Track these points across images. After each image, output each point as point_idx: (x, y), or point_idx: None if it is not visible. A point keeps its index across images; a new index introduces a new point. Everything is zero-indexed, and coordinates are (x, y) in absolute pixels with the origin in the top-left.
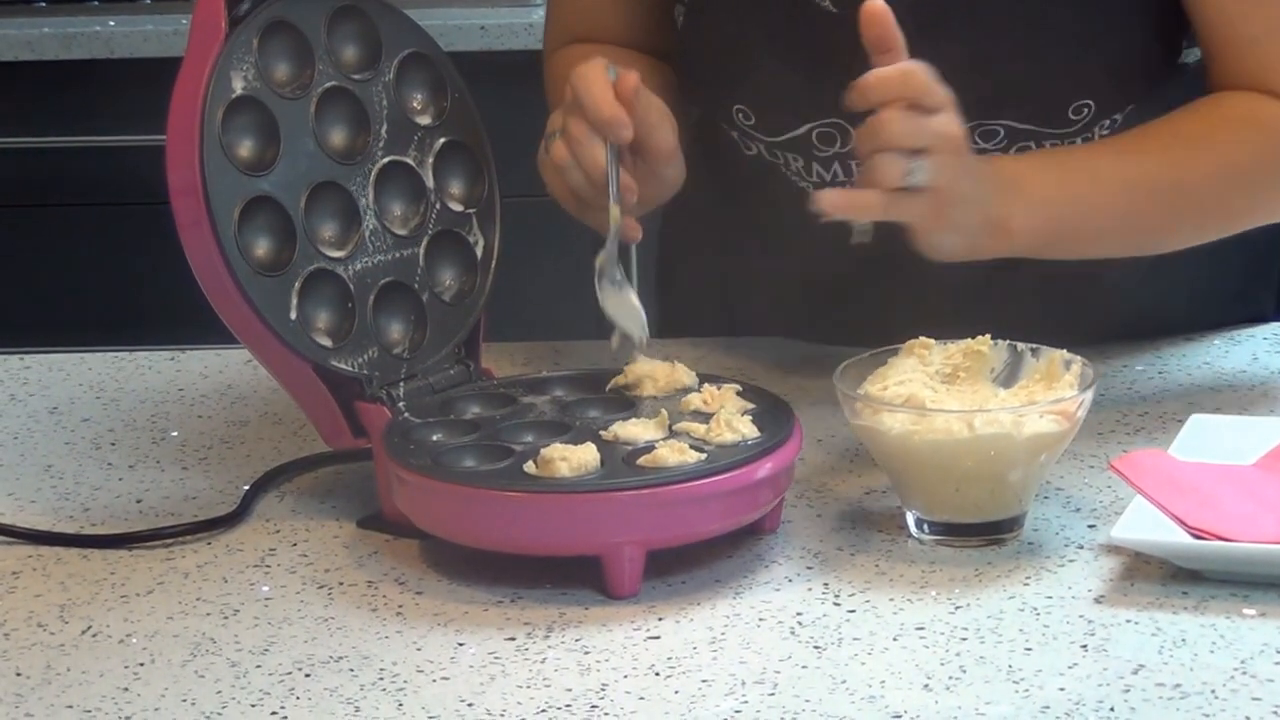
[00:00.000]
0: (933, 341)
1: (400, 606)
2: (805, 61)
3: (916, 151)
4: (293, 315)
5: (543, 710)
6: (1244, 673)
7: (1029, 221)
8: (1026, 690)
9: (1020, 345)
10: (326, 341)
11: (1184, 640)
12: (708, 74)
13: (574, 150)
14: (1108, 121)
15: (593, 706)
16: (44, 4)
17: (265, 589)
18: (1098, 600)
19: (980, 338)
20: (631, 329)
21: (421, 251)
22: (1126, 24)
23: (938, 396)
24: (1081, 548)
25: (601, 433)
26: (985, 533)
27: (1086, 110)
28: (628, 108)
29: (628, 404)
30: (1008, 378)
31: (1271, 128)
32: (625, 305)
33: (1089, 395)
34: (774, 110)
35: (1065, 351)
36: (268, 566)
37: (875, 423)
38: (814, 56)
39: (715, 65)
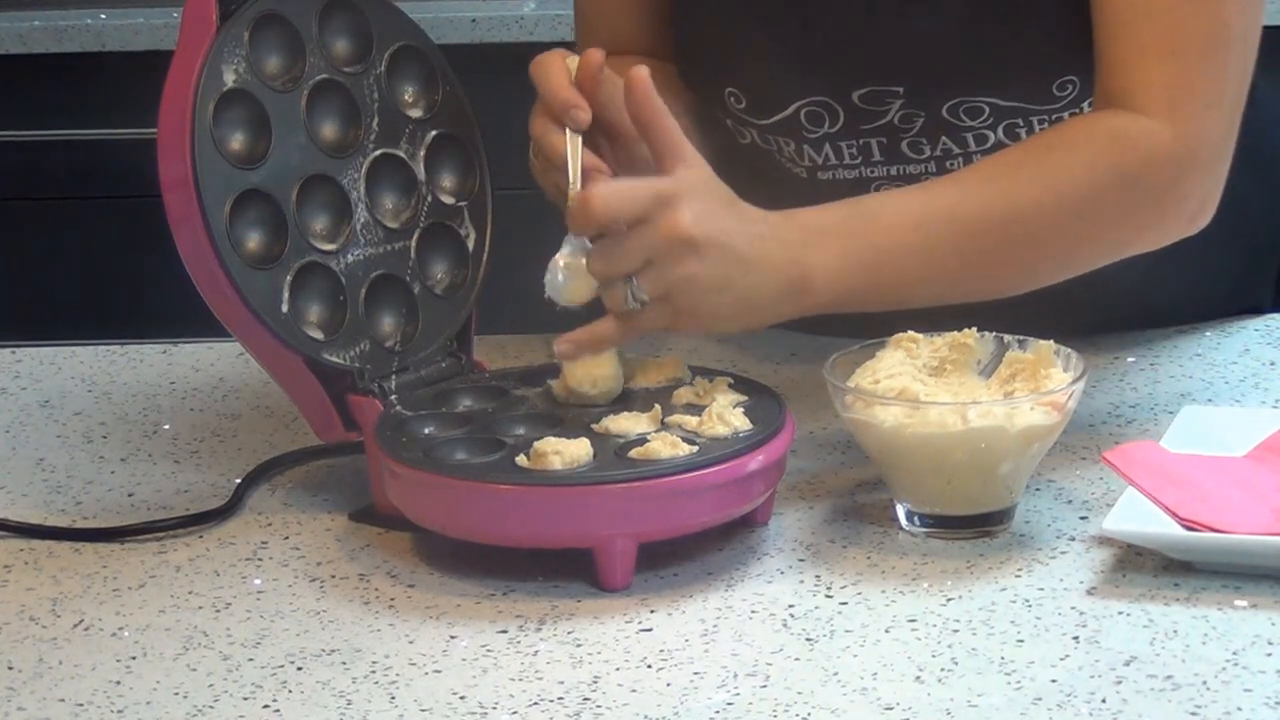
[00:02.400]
0: (920, 335)
1: (392, 599)
2: (792, 36)
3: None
4: (284, 308)
5: (535, 702)
6: (1236, 664)
7: (829, 275)
8: (1018, 682)
9: (1006, 337)
10: (318, 334)
11: (1176, 632)
12: (701, 57)
13: (540, 144)
14: (1089, 103)
15: (584, 699)
16: None
17: (257, 582)
18: (1089, 592)
19: (966, 330)
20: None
21: (413, 244)
22: None
23: (929, 389)
24: (1073, 539)
25: (593, 426)
26: (976, 525)
27: (1071, 87)
28: (590, 91)
29: (620, 397)
30: (994, 370)
31: (1120, 147)
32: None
33: (1080, 387)
34: (763, 90)
35: (1051, 342)
36: (259, 560)
37: (867, 416)
38: (800, 30)
39: (707, 47)
